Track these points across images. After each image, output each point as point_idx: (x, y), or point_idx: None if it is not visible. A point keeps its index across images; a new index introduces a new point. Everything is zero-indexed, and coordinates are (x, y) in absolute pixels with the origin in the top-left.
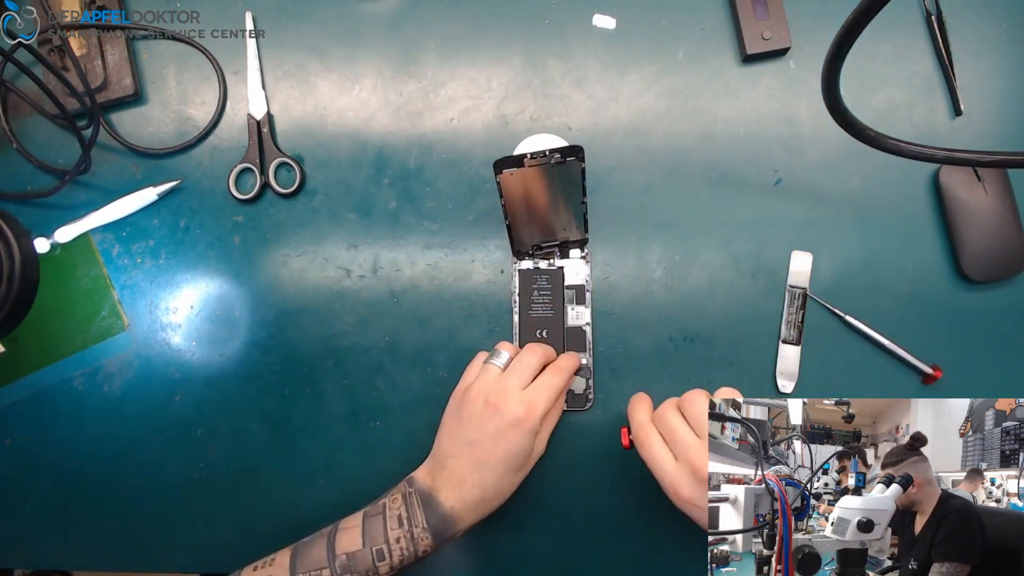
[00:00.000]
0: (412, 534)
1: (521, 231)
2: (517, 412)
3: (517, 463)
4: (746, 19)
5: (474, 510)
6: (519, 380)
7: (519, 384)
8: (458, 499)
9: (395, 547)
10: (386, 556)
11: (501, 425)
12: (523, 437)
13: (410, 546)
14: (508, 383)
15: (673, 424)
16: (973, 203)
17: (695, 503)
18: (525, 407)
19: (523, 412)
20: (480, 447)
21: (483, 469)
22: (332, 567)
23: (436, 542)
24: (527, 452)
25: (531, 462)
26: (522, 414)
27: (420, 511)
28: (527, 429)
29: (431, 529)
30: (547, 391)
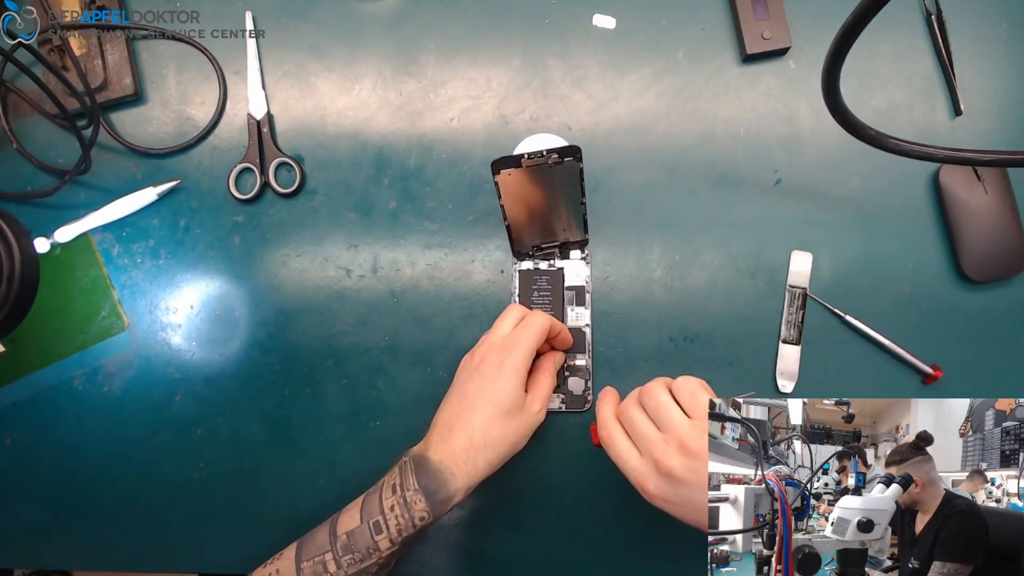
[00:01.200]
0: (405, 499)
1: (521, 232)
2: (499, 355)
3: (504, 405)
4: (746, 19)
5: (464, 461)
6: (502, 331)
7: (502, 334)
8: (447, 451)
9: (390, 516)
10: (383, 528)
11: (482, 367)
12: (505, 375)
13: (404, 513)
14: (493, 335)
15: (635, 419)
16: (973, 203)
17: (663, 498)
18: (502, 345)
19: (501, 350)
20: (465, 395)
21: (468, 413)
22: (334, 549)
23: (430, 504)
24: (511, 393)
25: (526, 417)
26: (503, 353)
27: (412, 474)
28: (507, 366)
29: (423, 490)
30: (526, 330)
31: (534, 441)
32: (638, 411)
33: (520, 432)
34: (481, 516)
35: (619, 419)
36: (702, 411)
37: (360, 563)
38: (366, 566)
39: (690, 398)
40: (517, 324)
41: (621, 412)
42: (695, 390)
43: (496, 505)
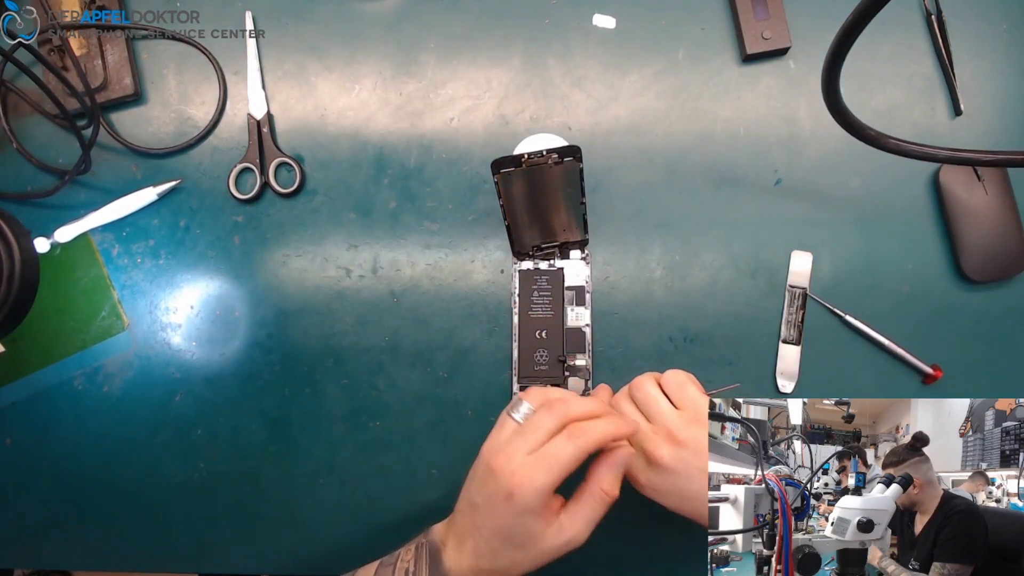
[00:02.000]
0: None
1: (521, 232)
2: (511, 483)
3: (514, 540)
4: (746, 19)
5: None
6: (527, 443)
7: (526, 447)
8: (456, 561)
9: None
10: None
11: (494, 493)
12: (515, 514)
13: None
14: (514, 444)
15: (624, 412)
16: (973, 203)
17: (654, 487)
18: (519, 478)
19: (516, 483)
20: (477, 512)
21: (478, 536)
22: None
23: None
24: (524, 532)
25: (544, 546)
26: (515, 485)
27: (425, 567)
28: (518, 506)
29: None
30: (552, 461)
31: None
32: (628, 404)
33: (536, 562)
34: None
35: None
36: (689, 402)
37: None
38: None
39: (677, 390)
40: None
41: (612, 407)
42: (682, 382)
43: None
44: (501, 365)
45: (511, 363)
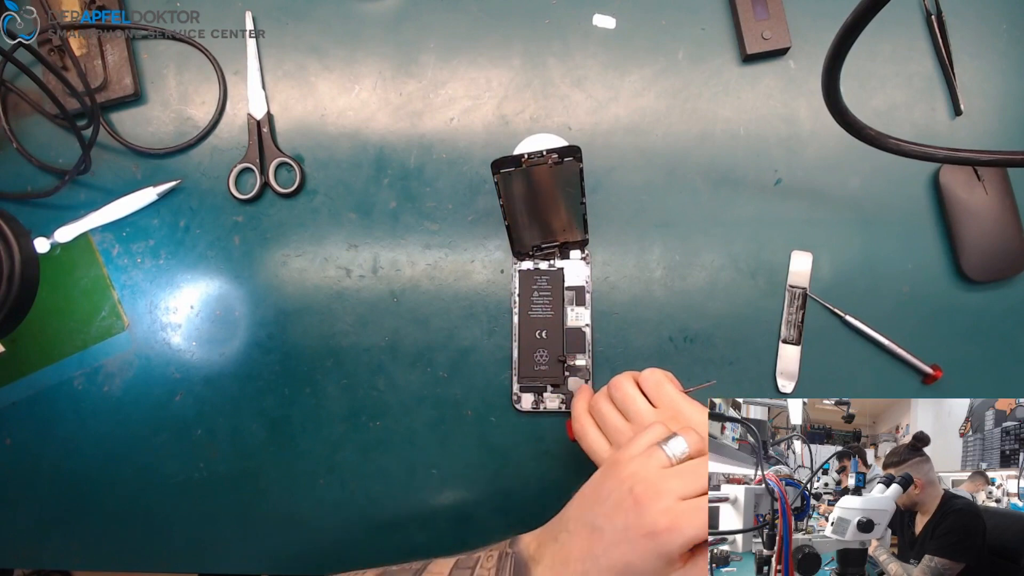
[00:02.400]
0: None
1: (521, 232)
2: (658, 522)
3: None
4: (746, 19)
5: None
6: (683, 486)
7: (681, 491)
8: None
9: None
10: None
11: (633, 525)
12: (650, 554)
13: None
14: (669, 483)
15: (603, 411)
16: (973, 203)
17: None
18: (670, 520)
19: (665, 524)
20: (600, 537)
21: (591, 563)
22: None
23: None
24: (650, 573)
25: None
26: (663, 526)
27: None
28: (660, 548)
29: None
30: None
31: (533, 441)
32: (607, 404)
33: None
34: (481, 516)
35: (591, 413)
36: (667, 400)
37: None
38: None
39: (655, 388)
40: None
41: (592, 406)
42: (659, 381)
43: (496, 505)
44: (501, 365)
45: (511, 363)
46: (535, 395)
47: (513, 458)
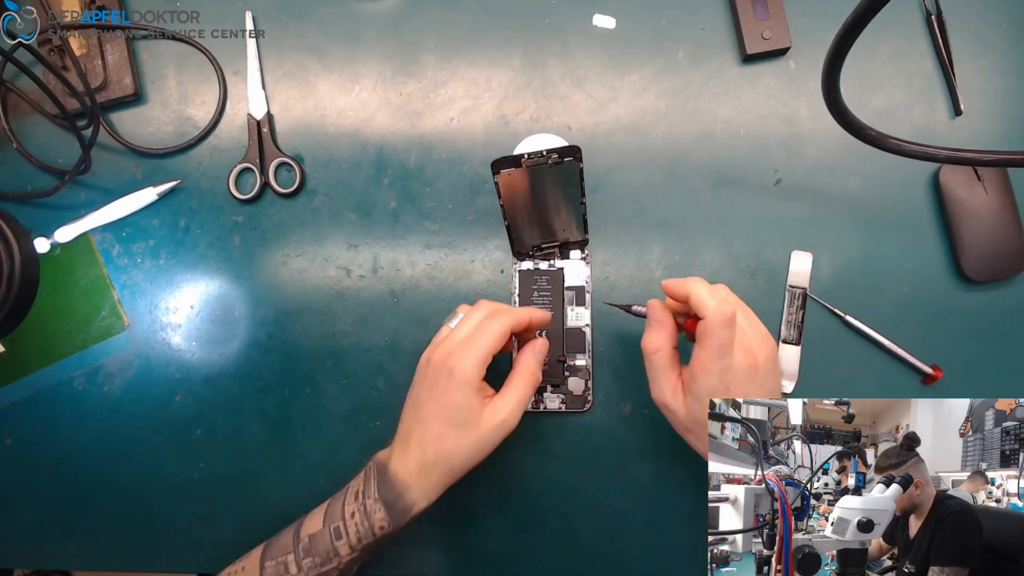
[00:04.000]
0: (365, 506)
1: (521, 232)
2: (448, 362)
3: (455, 418)
4: (746, 19)
5: (419, 475)
6: (459, 333)
7: (459, 336)
8: (402, 462)
9: (350, 523)
10: (343, 534)
11: (437, 376)
12: (455, 388)
13: (364, 521)
14: (449, 337)
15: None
16: (973, 203)
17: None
18: (456, 355)
19: (453, 361)
20: (419, 403)
21: (421, 426)
22: (296, 551)
23: (389, 515)
24: (464, 407)
25: (485, 430)
26: (452, 363)
27: (374, 481)
28: (457, 378)
29: (383, 500)
30: (481, 336)
31: (533, 441)
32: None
33: (477, 446)
34: (481, 516)
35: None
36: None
37: (320, 567)
38: (326, 570)
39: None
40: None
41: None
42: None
43: (496, 505)
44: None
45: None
46: (535, 395)
47: (513, 458)
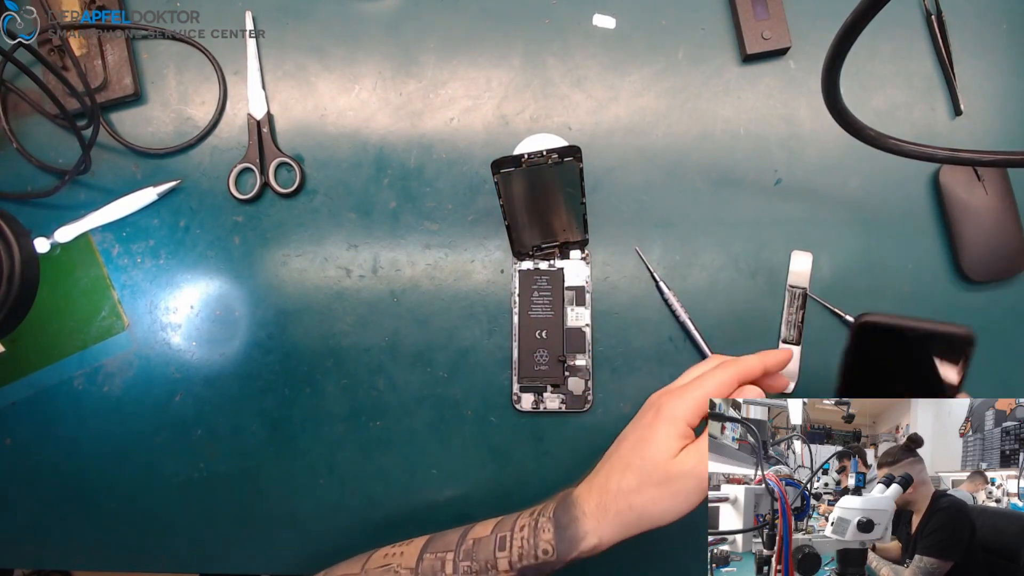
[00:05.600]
0: (536, 523)
1: (521, 232)
2: (659, 401)
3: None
4: (746, 19)
5: (597, 506)
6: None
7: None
8: (586, 490)
9: (517, 535)
10: (507, 545)
11: (643, 411)
12: (657, 423)
13: (531, 537)
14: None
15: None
16: (973, 203)
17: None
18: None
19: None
20: (623, 438)
21: (615, 458)
22: (457, 551)
23: (556, 539)
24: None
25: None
26: (662, 402)
27: (555, 502)
28: (661, 415)
29: (554, 520)
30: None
31: (533, 441)
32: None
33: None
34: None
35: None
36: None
37: (474, 574)
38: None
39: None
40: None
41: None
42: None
43: (496, 505)
44: (501, 365)
45: (511, 363)
46: (535, 395)
47: (513, 458)
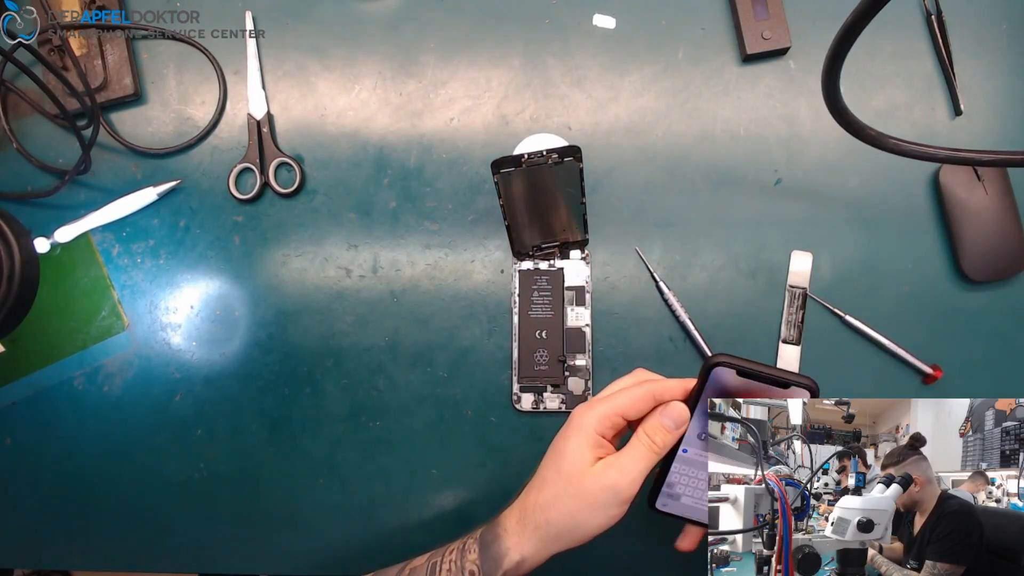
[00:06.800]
0: (464, 545)
1: (521, 232)
2: (574, 413)
3: (561, 467)
4: (746, 19)
5: (518, 522)
6: (603, 392)
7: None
8: (509, 509)
9: (447, 559)
10: (437, 570)
11: (562, 428)
12: (568, 433)
13: (458, 560)
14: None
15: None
16: (973, 203)
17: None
18: (581, 407)
19: (577, 411)
20: (543, 458)
21: (536, 486)
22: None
23: (481, 558)
24: (573, 455)
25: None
26: (576, 413)
27: (481, 527)
28: (574, 424)
29: (480, 541)
30: (612, 392)
31: (533, 441)
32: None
33: (580, 503)
34: (481, 516)
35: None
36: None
37: None
38: None
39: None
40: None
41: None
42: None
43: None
44: (501, 365)
45: (511, 363)
46: (535, 395)
47: (513, 458)
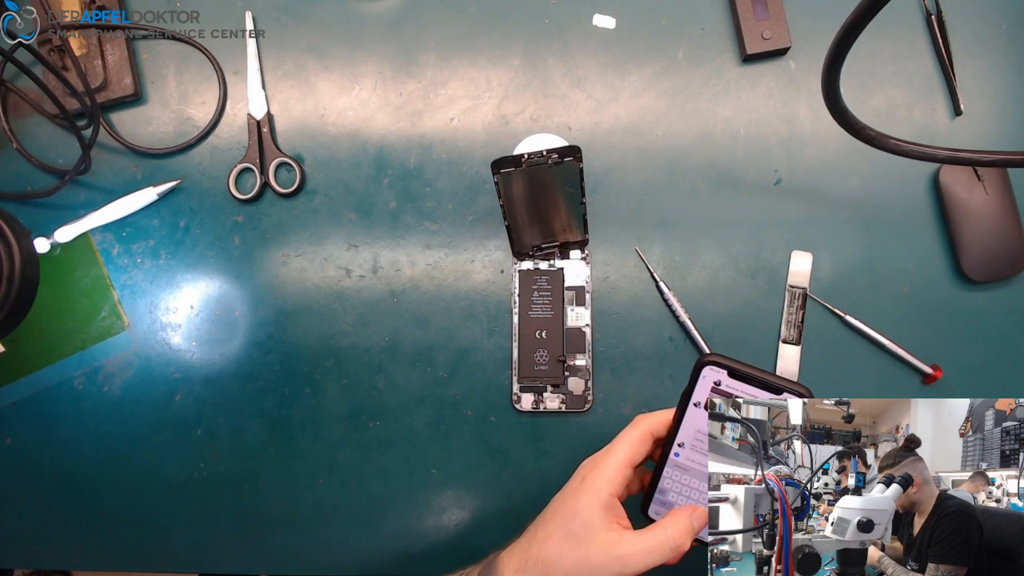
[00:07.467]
0: None
1: (521, 232)
2: (583, 471)
3: (569, 525)
4: (746, 19)
5: (516, 571)
6: (612, 443)
7: (608, 446)
8: (509, 555)
9: None
10: None
11: (571, 482)
12: (580, 493)
13: None
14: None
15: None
16: (973, 203)
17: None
18: (589, 464)
19: (587, 469)
20: (548, 509)
21: (538, 524)
22: None
23: None
24: (583, 516)
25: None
26: (586, 471)
27: (479, 567)
28: (587, 485)
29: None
30: (619, 443)
31: (533, 441)
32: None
33: (583, 566)
34: (481, 516)
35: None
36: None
37: None
38: None
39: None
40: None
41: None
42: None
43: (496, 505)
44: (501, 365)
45: (511, 363)
46: (535, 395)
47: (513, 458)
